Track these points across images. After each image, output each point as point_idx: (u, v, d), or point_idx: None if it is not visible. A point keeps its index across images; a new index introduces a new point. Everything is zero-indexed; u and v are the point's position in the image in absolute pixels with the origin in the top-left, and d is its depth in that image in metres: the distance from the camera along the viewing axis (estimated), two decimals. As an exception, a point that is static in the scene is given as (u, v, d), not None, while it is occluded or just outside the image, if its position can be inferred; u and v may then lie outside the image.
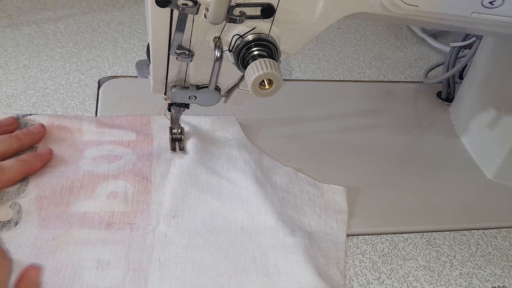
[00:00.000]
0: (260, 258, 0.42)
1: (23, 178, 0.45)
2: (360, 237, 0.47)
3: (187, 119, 0.54)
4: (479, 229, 0.50)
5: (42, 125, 0.49)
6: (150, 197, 0.45)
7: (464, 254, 0.47)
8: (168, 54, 0.39)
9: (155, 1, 0.33)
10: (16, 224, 0.41)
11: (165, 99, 0.45)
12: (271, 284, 0.40)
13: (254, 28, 0.35)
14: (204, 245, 0.42)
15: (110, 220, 0.43)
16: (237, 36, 0.36)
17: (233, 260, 0.42)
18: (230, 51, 0.36)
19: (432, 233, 0.49)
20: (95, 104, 0.57)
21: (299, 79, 0.66)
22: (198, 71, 0.42)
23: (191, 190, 0.46)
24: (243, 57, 0.36)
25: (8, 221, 0.41)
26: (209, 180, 0.48)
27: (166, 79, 0.43)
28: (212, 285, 0.40)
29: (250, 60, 0.35)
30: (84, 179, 0.46)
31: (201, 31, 0.36)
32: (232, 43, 0.36)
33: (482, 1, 0.36)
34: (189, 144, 0.51)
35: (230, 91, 0.46)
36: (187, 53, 0.38)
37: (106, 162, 0.48)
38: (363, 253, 0.46)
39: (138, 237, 0.42)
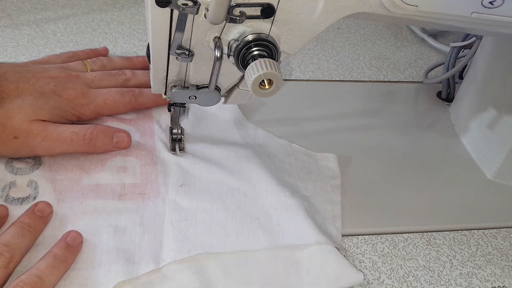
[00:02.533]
0: (265, 219, 0.45)
1: (36, 157, 0.47)
2: (360, 237, 0.47)
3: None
4: (479, 229, 0.50)
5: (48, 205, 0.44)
6: (157, 168, 0.48)
7: (464, 254, 0.47)
8: (168, 54, 0.39)
9: (155, 1, 0.33)
10: (34, 198, 0.44)
11: (165, 99, 0.46)
12: (276, 241, 0.44)
13: (240, 33, 0.36)
14: (212, 209, 0.45)
15: (122, 192, 0.46)
16: (233, 41, 0.36)
17: (239, 221, 0.45)
18: (228, 56, 0.37)
19: (432, 233, 0.49)
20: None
21: (299, 79, 0.66)
22: (198, 71, 0.42)
23: (194, 161, 0.49)
24: (243, 57, 0.36)
25: (27, 196, 0.44)
26: (210, 153, 0.51)
27: (166, 79, 0.43)
28: (222, 244, 0.43)
29: (250, 60, 0.35)
30: (93, 157, 0.48)
31: (201, 31, 0.36)
32: (230, 47, 0.36)
33: (482, 1, 0.36)
34: (188, 122, 0.54)
35: (230, 91, 0.46)
36: (187, 53, 0.38)
37: None
38: (363, 253, 0.46)
39: (150, 205, 0.45)
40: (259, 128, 0.55)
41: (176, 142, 0.51)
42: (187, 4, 0.33)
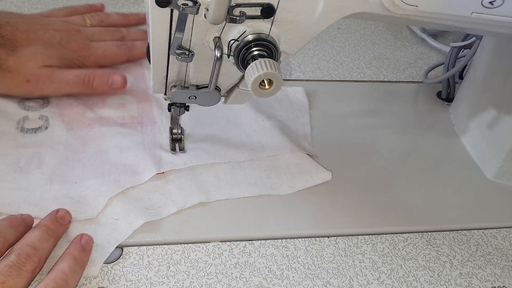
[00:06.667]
0: (247, 139, 0.53)
1: (44, 98, 0.54)
2: (360, 237, 0.47)
3: None
4: (479, 229, 0.50)
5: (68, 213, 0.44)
6: (151, 104, 0.56)
7: (464, 254, 0.47)
8: (168, 54, 0.39)
9: (155, 1, 0.33)
10: (46, 128, 0.51)
11: (165, 99, 0.46)
12: (258, 154, 0.52)
13: (244, 32, 0.36)
14: (201, 134, 0.53)
15: (123, 122, 0.53)
16: (233, 41, 0.36)
17: (225, 141, 0.53)
18: (228, 56, 0.37)
19: (432, 233, 0.49)
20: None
21: (299, 79, 0.66)
22: (198, 71, 0.42)
23: None
24: (243, 57, 0.36)
25: (39, 127, 0.51)
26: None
27: (166, 79, 0.43)
28: (212, 157, 0.50)
29: (250, 60, 0.35)
30: (95, 96, 0.55)
31: (201, 31, 0.36)
32: (230, 48, 0.36)
33: (482, 1, 0.36)
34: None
35: (230, 91, 0.46)
36: (187, 53, 0.38)
37: None
38: (363, 253, 0.46)
39: (147, 130, 0.53)
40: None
41: (176, 142, 0.51)
42: (187, 4, 0.33)
